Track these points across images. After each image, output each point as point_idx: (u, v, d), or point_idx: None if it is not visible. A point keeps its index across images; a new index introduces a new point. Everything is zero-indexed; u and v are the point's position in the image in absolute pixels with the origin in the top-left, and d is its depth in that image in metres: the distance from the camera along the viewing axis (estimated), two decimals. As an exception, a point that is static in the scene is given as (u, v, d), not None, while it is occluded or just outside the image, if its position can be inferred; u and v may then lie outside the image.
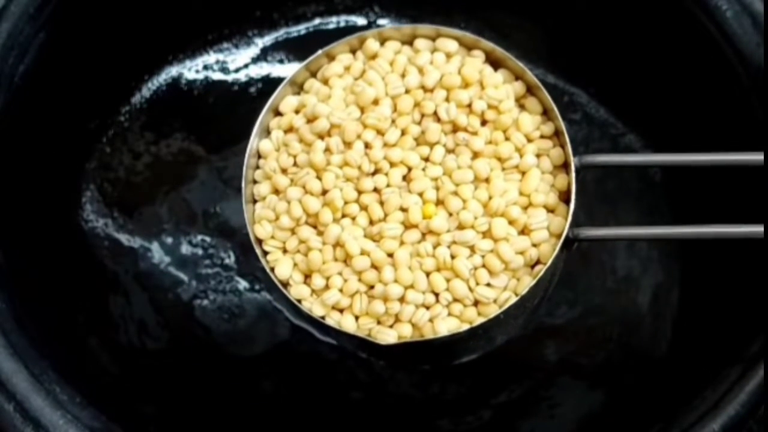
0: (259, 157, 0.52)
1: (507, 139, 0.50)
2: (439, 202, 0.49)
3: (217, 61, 0.67)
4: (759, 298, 0.52)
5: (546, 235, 0.49)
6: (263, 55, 0.68)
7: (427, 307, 0.48)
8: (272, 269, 0.50)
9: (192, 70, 0.67)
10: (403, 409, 0.60)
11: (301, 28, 0.68)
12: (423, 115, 0.51)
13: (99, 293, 0.62)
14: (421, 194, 0.49)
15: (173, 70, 0.67)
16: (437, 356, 0.56)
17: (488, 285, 0.48)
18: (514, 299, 0.48)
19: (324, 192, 0.49)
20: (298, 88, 0.53)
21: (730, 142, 0.58)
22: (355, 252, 0.48)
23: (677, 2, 0.57)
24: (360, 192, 0.49)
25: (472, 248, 0.48)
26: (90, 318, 0.61)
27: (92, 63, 0.62)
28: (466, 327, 0.48)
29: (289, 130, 0.52)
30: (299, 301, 0.49)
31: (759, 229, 0.47)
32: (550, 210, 0.50)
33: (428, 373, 0.60)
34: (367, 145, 0.50)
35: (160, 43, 0.66)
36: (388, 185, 0.49)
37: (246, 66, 0.67)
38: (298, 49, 0.67)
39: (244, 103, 0.66)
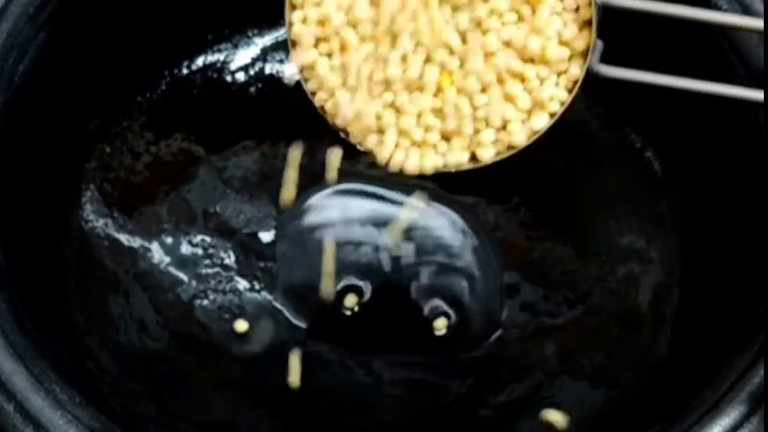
0: None
1: None
2: None
3: (217, 61, 0.67)
4: (759, 298, 0.52)
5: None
6: (263, 55, 0.68)
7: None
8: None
9: (192, 70, 0.67)
10: (404, 409, 0.60)
11: (301, 28, 0.67)
12: None
13: (99, 293, 0.62)
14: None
15: (173, 70, 0.67)
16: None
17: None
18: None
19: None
20: None
21: (730, 141, 0.58)
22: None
23: (676, 2, 0.57)
24: None
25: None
26: (90, 318, 0.61)
27: (92, 63, 0.62)
28: None
29: None
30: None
31: (759, 94, 0.48)
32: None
33: (428, 373, 0.60)
34: None
35: (160, 43, 0.66)
36: None
37: (246, 66, 0.67)
38: (298, 49, 0.67)
39: (244, 103, 0.66)
